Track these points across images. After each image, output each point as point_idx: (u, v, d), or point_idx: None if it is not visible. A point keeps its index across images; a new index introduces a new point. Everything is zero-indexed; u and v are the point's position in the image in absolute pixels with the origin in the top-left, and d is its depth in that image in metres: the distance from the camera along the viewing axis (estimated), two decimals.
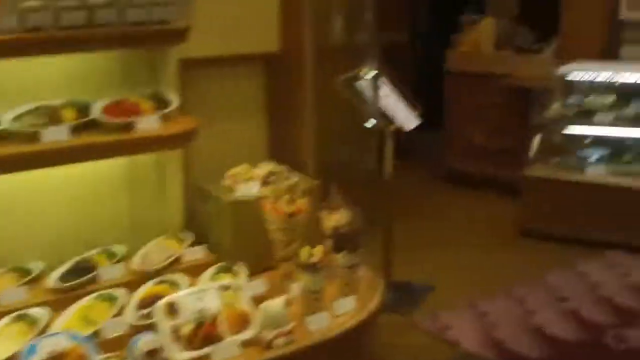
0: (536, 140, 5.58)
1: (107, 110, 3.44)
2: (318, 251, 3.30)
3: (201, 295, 3.14)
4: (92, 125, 3.39)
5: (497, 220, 5.79)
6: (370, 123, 3.78)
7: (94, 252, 3.70)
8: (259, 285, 3.49)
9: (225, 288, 3.23)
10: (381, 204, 4.25)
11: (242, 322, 3.08)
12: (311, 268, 3.24)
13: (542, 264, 4.86)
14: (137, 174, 3.88)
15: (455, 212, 6.13)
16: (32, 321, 3.12)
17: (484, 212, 6.07)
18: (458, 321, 4.03)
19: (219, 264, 3.66)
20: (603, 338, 3.75)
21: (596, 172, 5.28)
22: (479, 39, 6.64)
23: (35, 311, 3.19)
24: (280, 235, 3.53)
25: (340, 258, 3.41)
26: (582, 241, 5.12)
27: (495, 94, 6.33)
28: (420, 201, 6.31)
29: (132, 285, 3.46)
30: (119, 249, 3.77)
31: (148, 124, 3.43)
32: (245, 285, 3.38)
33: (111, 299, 3.33)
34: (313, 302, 3.26)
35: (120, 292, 3.39)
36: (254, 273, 3.63)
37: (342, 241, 3.41)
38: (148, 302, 3.25)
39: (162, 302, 3.03)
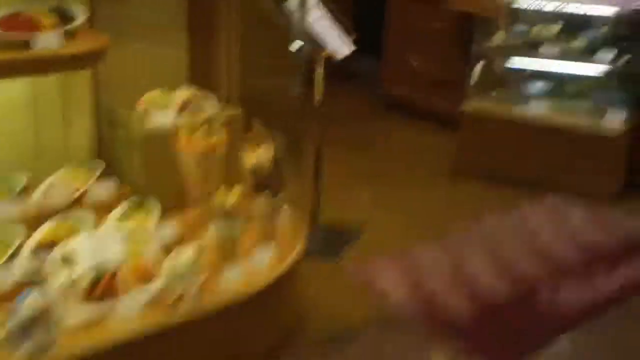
0: (476, 71, 5.29)
1: (0, 24, 3.01)
2: (235, 194, 3.00)
3: (102, 243, 2.82)
4: None
5: (433, 155, 5.53)
6: (297, 47, 3.42)
7: None
8: (171, 229, 3.17)
9: (131, 234, 2.91)
10: (310, 135, 3.93)
11: (147, 274, 2.78)
12: (227, 213, 2.93)
13: (479, 204, 4.67)
14: (40, 96, 3.50)
15: (390, 144, 5.86)
16: None
17: (420, 145, 5.80)
18: (388, 270, 3.79)
19: (130, 200, 3.33)
20: (536, 295, 3.58)
21: (538, 108, 5.03)
22: None
23: None
24: (195, 172, 3.20)
25: (261, 200, 3.10)
26: (519, 181, 4.91)
27: (437, 19, 6.01)
28: (354, 131, 6.01)
29: (31, 223, 3.11)
30: (18, 179, 3.40)
31: (48, 41, 3.02)
32: (155, 230, 3.06)
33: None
34: (228, 251, 2.96)
35: (16, 231, 3.04)
36: (168, 211, 3.33)
37: (263, 181, 3.10)
38: (45, 246, 2.92)
39: (55, 252, 2.70)
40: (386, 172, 5.22)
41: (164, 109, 3.51)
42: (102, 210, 3.29)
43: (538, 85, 5.29)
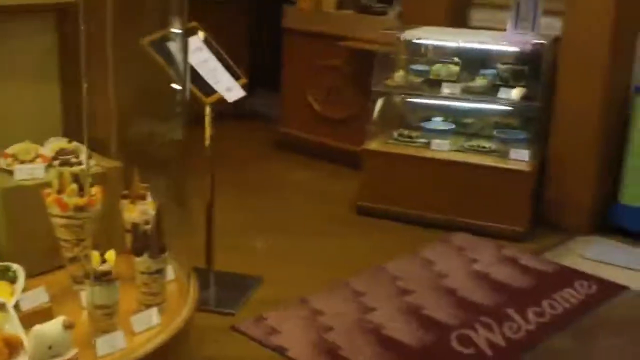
0: (377, 109, 5.10)
1: None
2: (111, 256, 2.66)
3: None
4: None
5: (334, 196, 5.30)
6: (179, 89, 3.13)
7: None
8: (39, 295, 2.80)
9: None
10: (199, 180, 3.63)
11: (10, 350, 2.41)
12: (101, 277, 2.59)
13: (383, 247, 4.48)
14: None
15: (289, 187, 5.59)
16: None
17: (320, 186, 5.57)
18: (287, 322, 3.54)
19: None
20: (448, 340, 3.37)
21: (441, 146, 4.87)
22: None
23: None
24: (65, 233, 2.85)
25: (142, 262, 2.77)
26: (424, 221, 4.74)
27: (335, 56, 5.85)
28: (248, 173, 5.75)
29: None
30: None
31: None
32: (18, 299, 2.69)
33: None
34: (104, 319, 2.62)
35: None
36: (37, 275, 2.96)
37: (144, 240, 2.77)
38: None
39: None
40: (284, 218, 4.95)
41: (31, 162, 3.16)
42: None
43: (440, 123, 5.15)
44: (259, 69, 7.15)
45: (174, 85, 3.22)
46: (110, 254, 2.67)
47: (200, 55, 3.58)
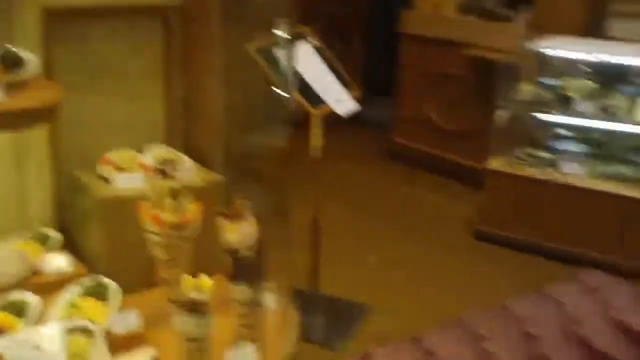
0: (500, 124, 4.72)
1: None
2: (206, 283, 2.42)
3: (37, 342, 2.26)
4: None
5: (450, 217, 4.94)
6: (288, 102, 2.87)
7: None
8: (132, 319, 2.59)
9: (74, 331, 2.35)
10: (304, 193, 3.37)
11: None
12: (193, 307, 2.35)
13: (503, 280, 4.09)
14: None
15: (401, 203, 5.26)
16: None
17: (435, 205, 5.22)
18: None
19: (86, 280, 2.76)
20: None
21: (571, 170, 4.44)
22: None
23: None
24: (160, 251, 2.63)
25: (239, 291, 2.51)
26: (550, 253, 4.32)
27: (455, 64, 5.49)
28: (358, 185, 5.44)
29: None
30: None
31: None
32: (109, 323, 2.49)
33: None
34: (194, 354, 2.38)
35: None
36: (131, 291, 2.77)
37: (243, 267, 2.51)
38: None
39: None
40: (394, 238, 4.63)
41: (130, 171, 2.97)
42: (53, 290, 2.72)
43: (572, 144, 4.73)
44: (373, 75, 6.86)
45: (280, 94, 2.97)
46: (205, 281, 2.43)
47: (310, 63, 3.31)
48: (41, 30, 2.82)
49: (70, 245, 3.00)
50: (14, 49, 2.68)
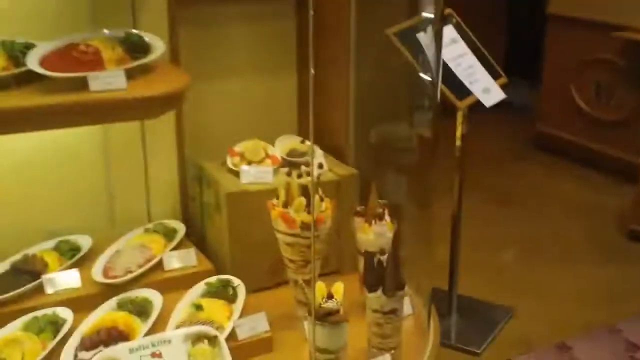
0: None
1: (50, 59, 2.37)
2: (338, 289, 2.21)
3: (159, 350, 2.11)
4: (29, 79, 2.33)
5: (600, 214, 4.53)
6: (433, 90, 2.61)
7: (47, 245, 2.70)
8: (259, 322, 2.42)
9: (198, 338, 2.19)
10: (441, 184, 3.10)
11: None
12: (327, 317, 2.15)
13: None
14: (115, 145, 2.87)
15: (546, 197, 4.88)
16: None
17: (583, 200, 4.80)
18: None
19: (212, 279, 2.61)
20: None
21: None
22: None
23: None
24: (290, 252, 2.44)
25: (374, 299, 2.29)
26: None
27: (607, 48, 5.07)
28: (499, 176, 5.10)
29: (88, 302, 2.45)
30: (81, 242, 2.76)
31: (110, 80, 2.36)
32: (236, 324, 2.33)
33: (45, 330, 2.32)
34: None
35: (64, 316, 2.38)
36: (258, 291, 2.66)
37: (379, 273, 2.29)
38: (92, 342, 2.24)
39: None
40: (538, 236, 4.28)
41: (259, 163, 2.79)
42: (175, 288, 2.59)
43: None
44: (517, 57, 6.47)
45: (424, 82, 2.71)
46: (338, 287, 2.22)
47: (455, 49, 3.04)
48: (167, 12, 2.66)
49: (194, 240, 2.86)
50: (138, 33, 2.55)
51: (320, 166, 2.78)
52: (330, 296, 2.18)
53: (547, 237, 4.26)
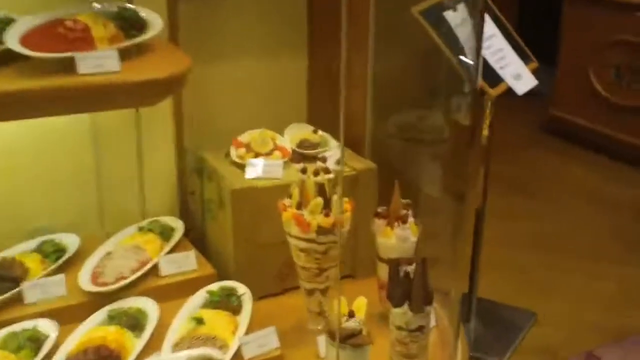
0: None
1: (32, 36, 2.08)
2: (361, 305, 1.94)
3: None
4: (8, 60, 2.05)
5: (619, 205, 4.27)
6: (465, 74, 2.33)
7: (28, 246, 2.45)
8: (268, 338, 2.15)
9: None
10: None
11: None
12: (347, 339, 1.88)
13: None
14: (105, 133, 2.59)
15: (564, 186, 4.61)
16: None
17: (601, 190, 4.54)
18: None
19: (214, 286, 2.34)
20: None
21: None
22: None
23: None
24: (304, 259, 2.17)
25: (399, 315, 2.02)
26: None
27: (628, 29, 4.80)
28: (514, 163, 4.83)
29: (74, 313, 2.20)
30: (68, 242, 2.51)
31: (100, 62, 2.06)
32: (243, 341, 2.07)
33: (25, 347, 2.05)
34: None
35: (46, 331, 2.10)
36: (263, 297, 2.43)
37: (405, 286, 2.01)
38: None
39: None
40: (557, 229, 4.01)
41: (267, 155, 2.51)
42: (174, 295, 2.33)
43: None
44: (530, 38, 6.19)
45: (453, 66, 2.43)
46: (361, 304, 1.95)
47: (485, 29, 2.74)
48: None
49: (193, 239, 2.60)
50: (133, 8, 2.26)
51: (335, 158, 2.50)
52: (351, 314, 1.91)
53: (565, 230, 4.00)
